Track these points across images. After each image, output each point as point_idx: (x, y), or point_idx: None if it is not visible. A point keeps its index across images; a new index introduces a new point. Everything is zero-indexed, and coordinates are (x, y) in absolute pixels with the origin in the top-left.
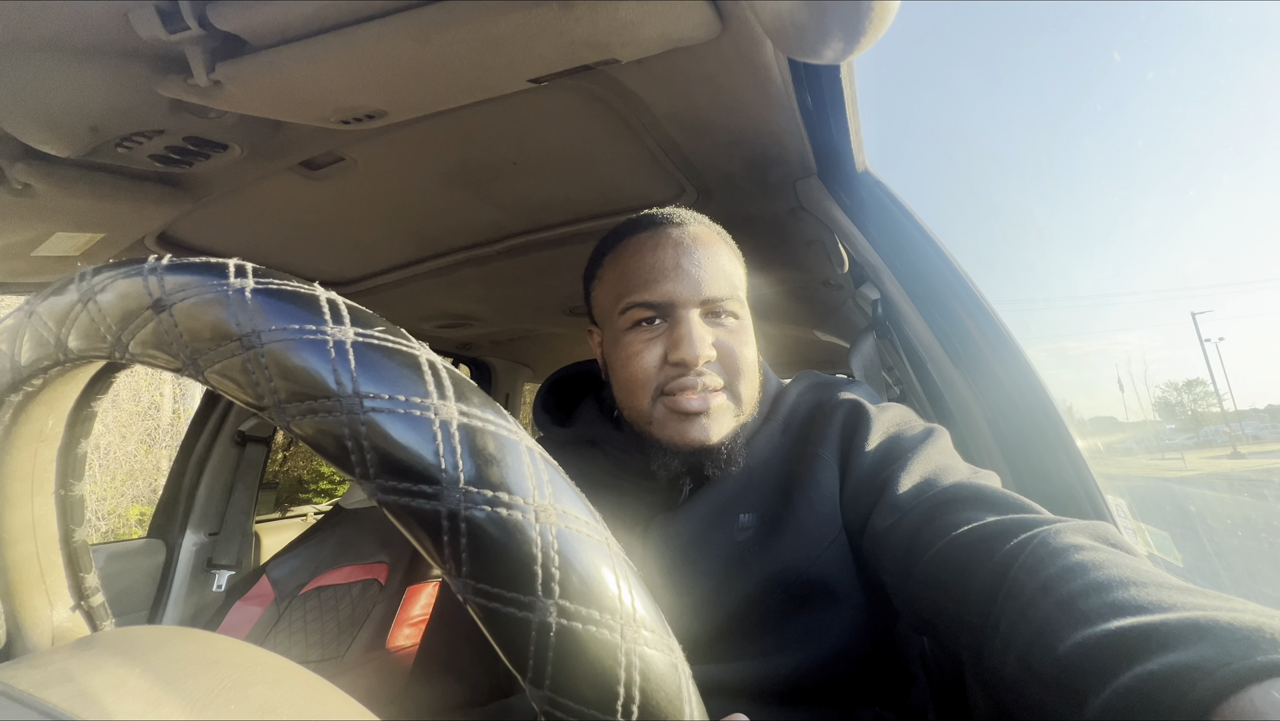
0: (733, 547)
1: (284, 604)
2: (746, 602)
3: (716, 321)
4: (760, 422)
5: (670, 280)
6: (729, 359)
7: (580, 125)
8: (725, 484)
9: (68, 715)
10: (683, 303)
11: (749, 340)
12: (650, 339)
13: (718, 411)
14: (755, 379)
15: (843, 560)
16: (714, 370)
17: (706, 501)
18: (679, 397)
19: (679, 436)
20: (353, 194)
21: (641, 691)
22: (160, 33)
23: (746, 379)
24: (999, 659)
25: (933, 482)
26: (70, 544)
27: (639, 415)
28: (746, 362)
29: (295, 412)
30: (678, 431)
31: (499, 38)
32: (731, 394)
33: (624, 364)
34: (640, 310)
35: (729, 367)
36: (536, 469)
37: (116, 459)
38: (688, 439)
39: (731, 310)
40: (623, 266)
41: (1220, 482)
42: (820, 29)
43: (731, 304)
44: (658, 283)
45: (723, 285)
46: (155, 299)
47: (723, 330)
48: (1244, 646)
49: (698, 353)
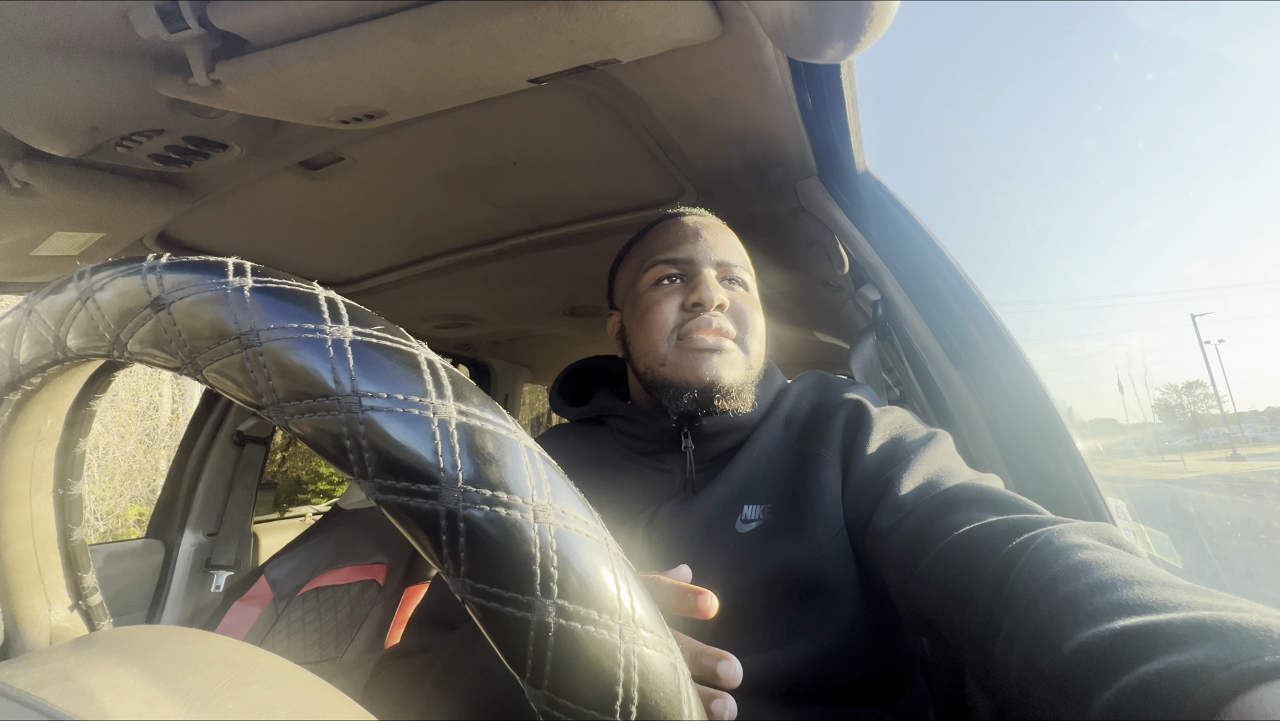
0: (736, 540)
1: (282, 604)
2: (746, 597)
3: (729, 284)
4: (763, 416)
5: (690, 243)
6: (739, 314)
7: (580, 125)
8: (732, 473)
9: (65, 714)
10: (700, 260)
11: (757, 309)
12: (670, 291)
13: (730, 353)
14: (763, 345)
15: (843, 559)
16: (728, 318)
17: (713, 492)
18: (695, 335)
19: (691, 372)
20: (352, 194)
21: (640, 691)
22: (160, 32)
23: (755, 336)
24: (1002, 658)
25: (935, 484)
26: (68, 543)
27: (655, 359)
28: (755, 323)
29: (294, 411)
30: (691, 367)
31: (499, 38)
32: (742, 345)
33: (645, 314)
34: (663, 267)
35: (739, 321)
36: (535, 468)
37: (115, 458)
38: (699, 373)
39: (742, 279)
40: (647, 242)
41: (1220, 484)
42: (820, 28)
43: (742, 273)
44: (680, 244)
45: (735, 255)
46: (154, 297)
47: (735, 292)
48: (1251, 646)
49: (713, 296)
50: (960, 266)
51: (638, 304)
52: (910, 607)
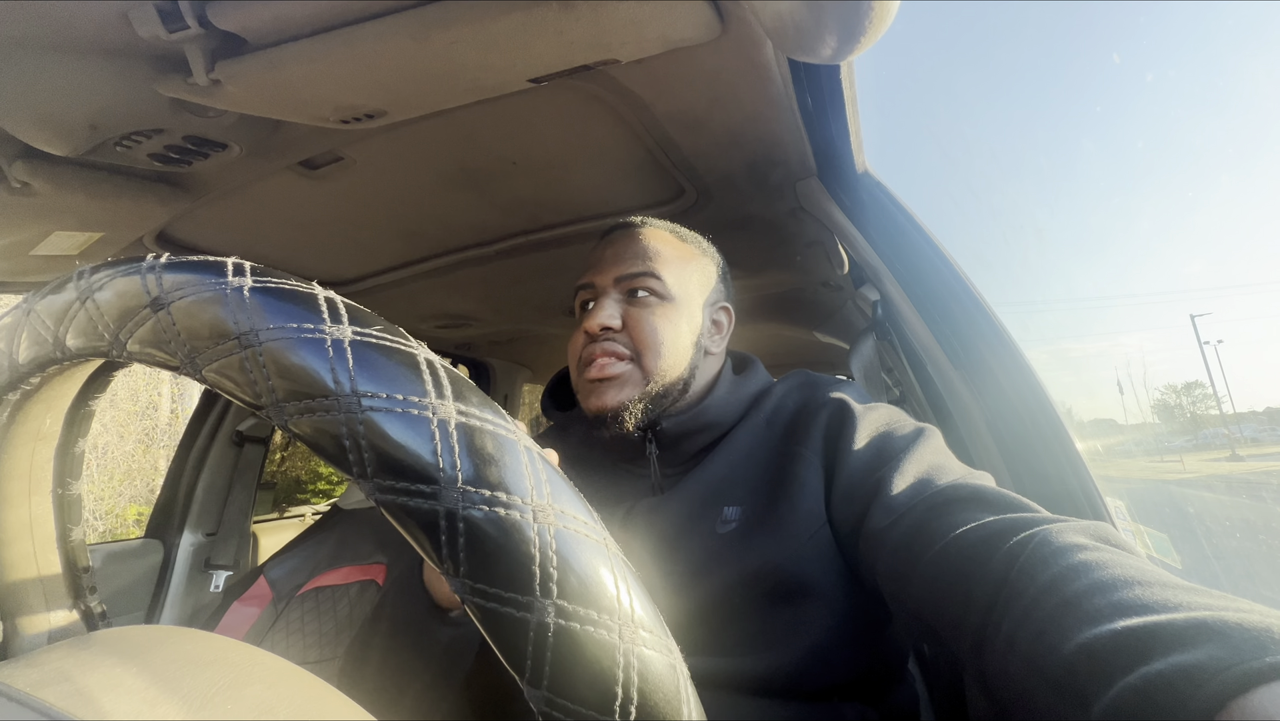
0: (714, 540)
1: (281, 604)
2: (724, 595)
3: (633, 298)
4: (742, 415)
5: (594, 267)
6: (636, 329)
7: (580, 125)
8: (706, 472)
9: (64, 714)
10: (601, 284)
11: (668, 317)
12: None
13: (618, 378)
14: (673, 355)
15: (823, 558)
16: (620, 341)
17: (690, 490)
18: (587, 367)
19: (591, 400)
20: (352, 193)
21: (639, 692)
22: (160, 32)
23: (653, 351)
24: (1002, 659)
25: (928, 482)
26: (68, 543)
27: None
28: (657, 333)
29: (293, 411)
30: (586, 396)
31: (499, 37)
32: (638, 362)
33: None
34: (581, 293)
35: (636, 338)
36: (535, 468)
37: (114, 458)
38: (590, 402)
39: (649, 287)
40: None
41: (1219, 485)
42: (820, 29)
43: (648, 280)
44: (590, 269)
45: (636, 263)
46: (153, 297)
47: (637, 306)
48: (1252, 647)
49: (596, 321)
50: (960, 266)
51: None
52: (908, 609)
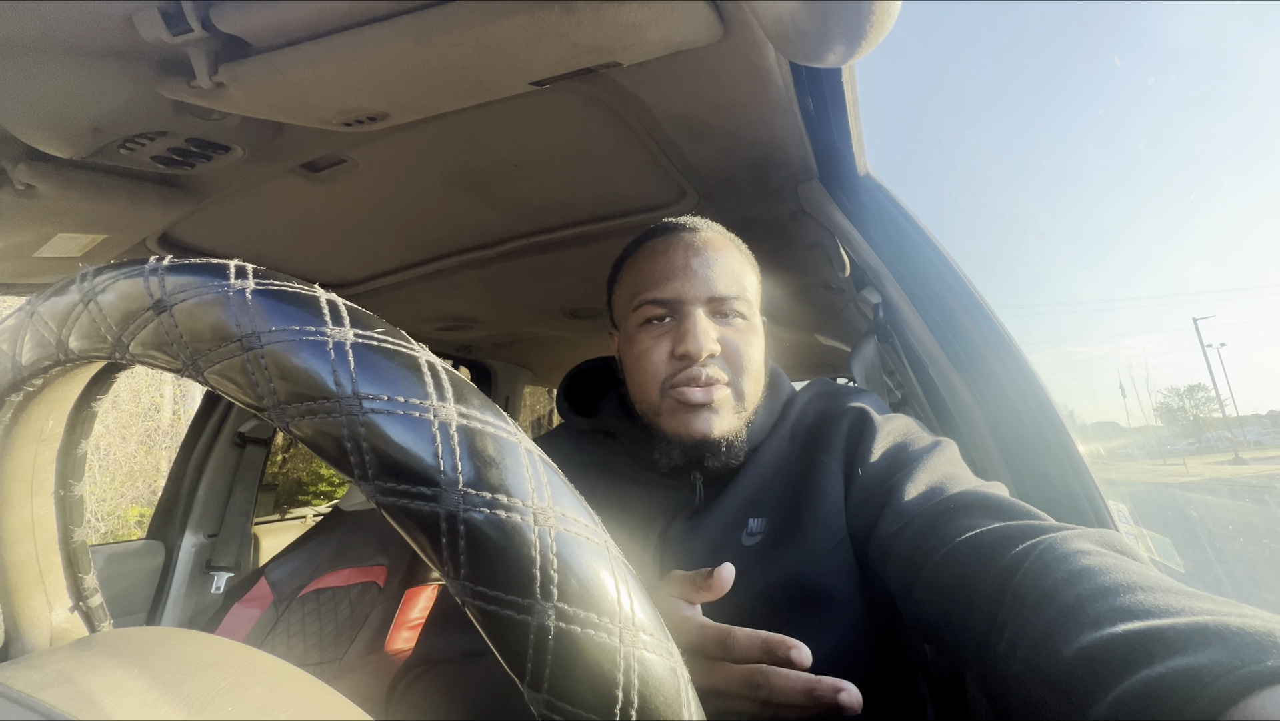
0: (741, 553)
1: (282, 606)
2: (750, 608)
3: (724, 320)
4: (771, 428)
5: (679, 279)
6: (734, 355)
7: (582, 128)
8: (739, 488)
9: (65, 715)
10: (690, 299)
11: (756, 341)
12: (659, 334)
13: (721, 404)
14: (760, 379)
15: (845, 567)
16: (719, 365)
17: (724, 507)
18: (684, 390)
19: (683, 428)
20: (354, 196)
21: (640, 695)
22: (163, 35)
23: (750, 377)
24: (1004, 663)
25: (939, 490)
26: (69, 545)
27: (649, 408)
28: (751, 361)
29: (294, 414)
30: (682, 423)
31: (501, 40)
32: (735, 390)
33: (636, 359)
34: (651, 307)
35: (733, 364)
36: (536, 471)
37: (116, 460)
38: (690, 430)
39: (739, 310)
40: (637, 269)
41: (1222, 488)
42: (822, 32)
43: (739, 304)
44: (667, 281)
45: (730, 285)
46: (156, 299)
47: (729, 328)
48: (1254, 651)
49: (701, 345)
50: (961, 269)
51: (630, 344)
52: (913, 613)
